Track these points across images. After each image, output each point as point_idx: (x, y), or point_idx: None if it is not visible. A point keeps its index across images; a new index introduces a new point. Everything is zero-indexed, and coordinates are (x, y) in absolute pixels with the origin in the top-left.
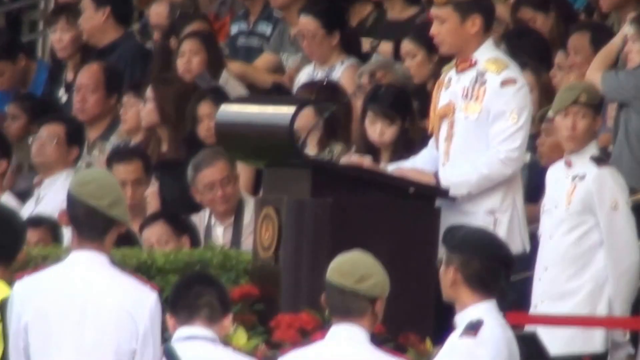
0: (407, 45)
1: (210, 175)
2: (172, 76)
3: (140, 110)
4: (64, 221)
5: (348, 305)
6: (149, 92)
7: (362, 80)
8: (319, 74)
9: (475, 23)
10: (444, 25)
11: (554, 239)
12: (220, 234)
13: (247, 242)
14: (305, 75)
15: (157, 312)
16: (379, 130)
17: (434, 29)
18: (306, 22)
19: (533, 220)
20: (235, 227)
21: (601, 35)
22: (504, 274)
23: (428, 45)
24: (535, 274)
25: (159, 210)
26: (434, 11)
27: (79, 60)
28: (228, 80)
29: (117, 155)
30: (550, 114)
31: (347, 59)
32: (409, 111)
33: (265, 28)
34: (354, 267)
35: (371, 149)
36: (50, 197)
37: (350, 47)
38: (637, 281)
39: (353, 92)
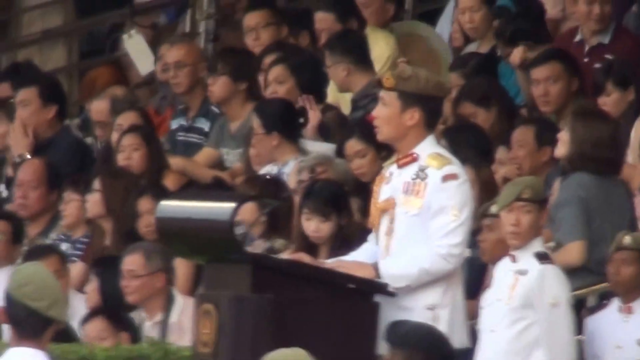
0: (355, 145)
1: (124, 263)
2: (119, 169)
3: (85, 202)
4: (2, 319)
5: None
6: (96, 183)
7: (302, 176)
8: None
9: (413, 116)
10: (385, 110)
11: (495, 333)
12: (149, 330)
13: (172, 339)
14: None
15: None
16: (313, 226)
17: (376, 111)
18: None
19: (472, 317)
20: (163, 324)
21: (545, 130)
22: None
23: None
24: None
25: (98, 307)
26: (382, 93)
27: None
28: None
29: (32, 253)
30: (493, 209)
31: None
32: (345, 207)
33: (204, 124)
34: None
35: (309, 245)
36: None
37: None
38: None
39: (294, 188)
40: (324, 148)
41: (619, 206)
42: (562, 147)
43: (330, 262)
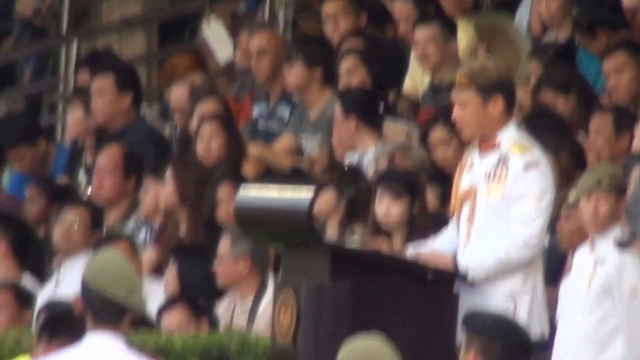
0: (439, 133)
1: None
2: (191, 158)
3: (159, 193)
4: (79, 308)
5: None
6: (168, 173)
7: (380, 164)
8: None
9: (497, 106)
10: (466, 110)
11: (575, 322)
12: (238, 316)
13: (259, 327)
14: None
15: None
16: (384, 208)
17: (456, 114)
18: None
19: (551, 305)
20: (252, 310)
21: (623, 117)
22: (524, 358)
23: None
24: (554, 357)
25: (178, 294)
26: (455, 95)
27: (94, 142)
28: None
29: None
30: (570, 197)
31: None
32: (419, 195)
33: (285, 111)
34: (360, 355)
35: (382, 234)
36: (70, 280)
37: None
38: None
39: (372, 176)
40: (404, 128)
41: None
42: (638, 140)
43: (410, 250)
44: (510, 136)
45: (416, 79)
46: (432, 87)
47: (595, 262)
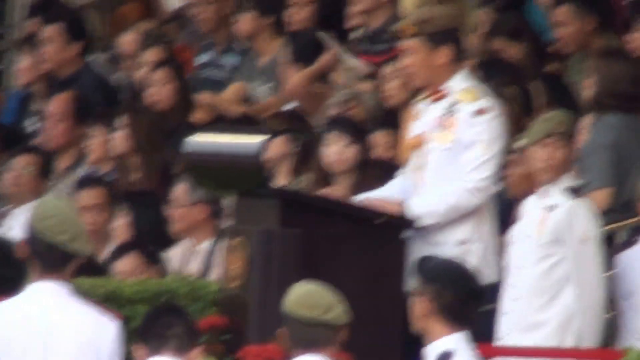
0: (388, 68)
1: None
2: (144, 105)
3: (109, 139)
4: (23, 252)
5: (314, 337)
6: (121, 120)
7: (332, 111)
8: None
9: (445, 54)
10: (414, 58)
11: (524, 270)
12: (193, 259)
13: (214, 272)
14: None
15: (118, 342)
16: (336, 149)
17: (404, 62)
18: None
19: (500, 252)
20: (208, 254)
21: None
22: (475, 305)
23: None
24: (502, 306)
25: (131, 241)
26: (403, 43)
27: (45, 89)
28: None
29: (81, 183)
30: (518, 144)
31: None
32: (367, 143)
33: (230, 60)
34: (319, 299)
35: (328, 180)
36: (19, 228)
37: None
38: (604, 314)
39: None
40: (361, 64)
41: None
42: (588, 90)
43: (358, 198)
44: (459, 84)
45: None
46: (367, 33)
47: (545, 210)
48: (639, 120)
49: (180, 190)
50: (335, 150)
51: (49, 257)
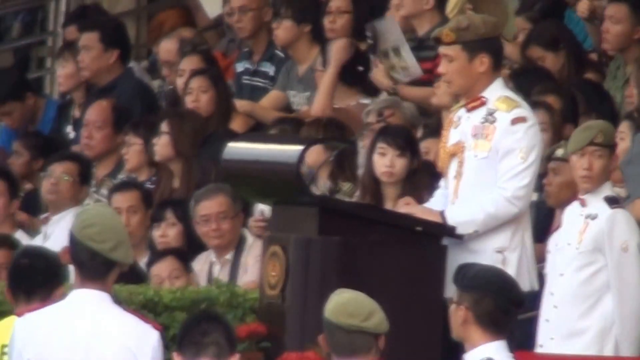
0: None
1: (207, 208)
2: (187, 110)
3: (152, 145)
4: (66, 259)
5: (354, 344)
6: (164, 126)
7: (369, 119)
8: None
9: (483, 62)
10: (452, 65)
11: (565, 277)
12: (218, 271)
13: (243, 280)
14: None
15: (159, 351)
16: (388, 161)
17: (442, 68)
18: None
19: (539, 260)
20: (233, 264)
21: None
22: (515, 313)
23: None
24: (542, 313)
25: (169, 247)
26: (442, 50)
27: (84, 96)
28: None
29: (116, 187)
30: (559, 152)
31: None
32: (417, 150)
33: (269, 68)
34: (359, 307)
35: (377, 189)
36: (58, 235)
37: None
38: None
39: (360, 131)
40: (416, 65)
41: None
42: (630, 100)
43: (398, 208)
44: (497, 92)
45: None
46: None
47: (586, 218)
48: None
49: (224, 202)
50: (387, 161)
51: (90, 265)
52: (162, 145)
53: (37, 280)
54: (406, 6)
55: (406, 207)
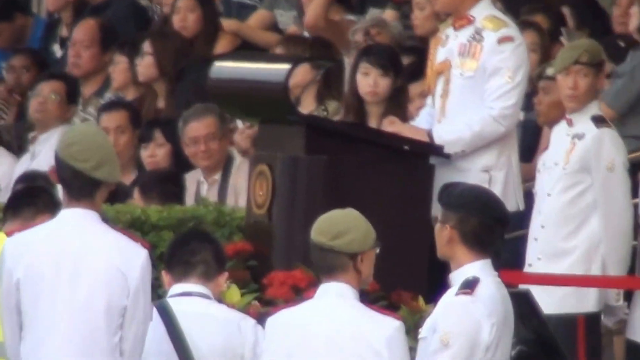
0: None
1: (195, 129)
2: (170, 31)
3: (135, 65)
4: (54, 178)
5: (328, 262)
6: (146, 46)
7: (356, 38)
8: None
9: None
10: None
11: (552, 197)
12: (205, 190)
13: (230, 200)
14: None
15: (147, 269)
16: (372, 80)
17: None
18: None
19: (526, 179)
20: (222, 185)
21: None
22: (500, 232)
23: None
24: (531, 233)
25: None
26: None
27: (72, 15)
28: None
29: (104, 107)
30: (549, 72)
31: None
32: (400, 70)
33: None
34: (331, 225)
35: (360, 108)
36: (45, 154)
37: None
38: (630, 242)
39: (346, 49)
40: None
41: None
42: (635, 19)
43: (385, 127)
44: (484, 11)
45: None
46: None
47: (573, 138)
48: None
49: (212, 123)
50: (370, 81)
51: (74, 184)
52: (145, 65)
53: (24, 202)
54: None
55: (392, 125)
